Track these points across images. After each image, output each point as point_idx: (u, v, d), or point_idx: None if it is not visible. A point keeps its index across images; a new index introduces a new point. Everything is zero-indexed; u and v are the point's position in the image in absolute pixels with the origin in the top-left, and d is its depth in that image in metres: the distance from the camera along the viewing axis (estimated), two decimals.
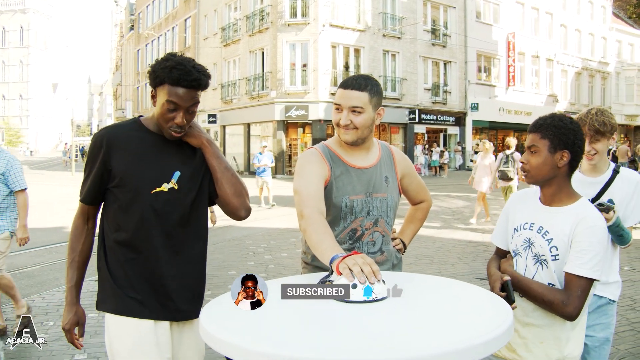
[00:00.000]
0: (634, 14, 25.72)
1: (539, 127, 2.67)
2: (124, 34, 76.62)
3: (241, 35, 38.22)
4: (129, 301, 2.67)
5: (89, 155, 2.74)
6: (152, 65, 2.72)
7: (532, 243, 2.69)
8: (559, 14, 49.46)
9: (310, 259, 3.08)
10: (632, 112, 57.06)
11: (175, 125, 2.64)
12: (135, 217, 2.67)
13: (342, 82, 2.92)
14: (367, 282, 2.08)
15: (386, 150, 3.18)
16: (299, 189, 2.81)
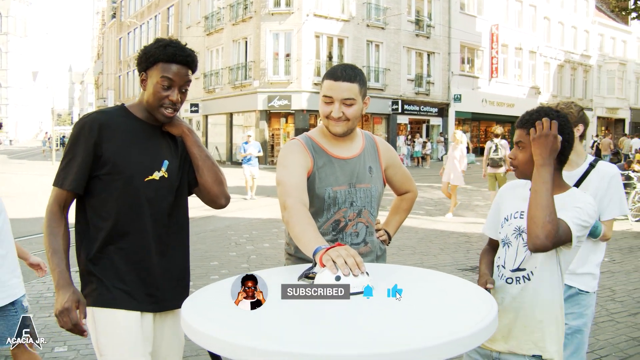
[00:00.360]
0: (617, 7, 25.82)
1: (525, 122, 2.66)
2: (105, 22, 76.04)
3: (224, 24, 38.00)
4: (117, 292, 2.62)
5: (74, 139, 2.62)
6: (142, 49, 2.71)
7: (524, 230, 2.67)
8: (542, 6, 49.67)
9: (293, 250, 3.04)
10: (613, 105, 57.54)
11: (169, 102, 2.64)
12: (127, 206, 2.64)
13: (330, 73, 2.84)
14: (350, 274, 2.04)
15: (370, 140, 3.15)
16: (282, 180, 2.77)
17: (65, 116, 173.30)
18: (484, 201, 17.70)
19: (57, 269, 2.59)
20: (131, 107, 2.77)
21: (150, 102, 2.66)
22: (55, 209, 2.66)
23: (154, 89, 2.62)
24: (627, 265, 9.12)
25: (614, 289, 7.63)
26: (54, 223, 2.65)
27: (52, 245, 2.62)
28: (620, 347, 5.54)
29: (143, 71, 2.68)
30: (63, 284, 2.57)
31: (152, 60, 2.62)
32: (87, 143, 2.57)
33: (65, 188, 2.61)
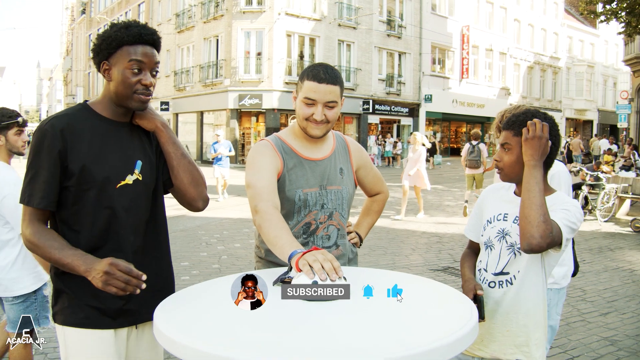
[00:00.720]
0: (586, 10, 26.06)
1: (511, 124, 2.62)
2: (75, 17, 75.08)
3: (195, 22, 37.76)
4: (89, 311, 2.39)
5: (36, 149, 2.34)
6: (99, 35, 2.46)
7: (507, 233, 2.67)
8: (513, 8, 50.13)
9: (264, 254, 2.96)
10: (581, 106, 58.28)
11: (142, 87, 2.42)
12: (101, 218, 2.41)
13: (313, 75, 2.74)
14: (327, 279, 1.99)
15: (341, 141, 3.09)
16: (252, 183, 2.69)
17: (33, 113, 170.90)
18: (454, 201, 17.81)
19: (73, 256, 2.28)
20: (94, 105, 2.50)
21: (120, 92, 2.41)
22: (36, 225, 2.35)
23: (123, 76, 2.39)
24: (596, 265, 9.22)
25: (584, 289, 7.72)
26: (39, 234, 2.34)
27: (54, 247, 2.30)
28: (592, 347, 5.59)
29: (105, 60, 2.43)
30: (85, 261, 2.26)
31: (114, 44, 2.38)
32: (51, 153, 2.31)
33: (34, 205, 2.34)
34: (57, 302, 2.46)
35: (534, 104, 52.92)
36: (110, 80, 2.44)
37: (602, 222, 13.65)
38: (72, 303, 2.41)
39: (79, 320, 2.40)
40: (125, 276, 2.18)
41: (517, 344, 2.66)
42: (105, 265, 2.19)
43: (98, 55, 2.45)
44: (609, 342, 5.74)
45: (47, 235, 2.34)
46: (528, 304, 2.65)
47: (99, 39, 2.43)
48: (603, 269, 8.98)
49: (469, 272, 2.82)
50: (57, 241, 2.32)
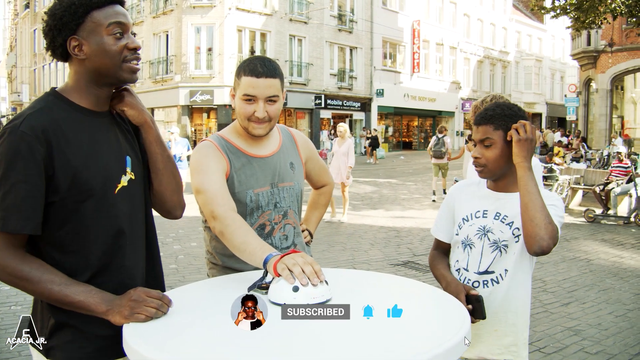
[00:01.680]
0: (535, 6, 26.42)
1: (489, 118, 2.50)
2: (18, 12, 73.36)
3: (144, 17, 37.25)
4: (100, 342, 1.98)
5: (9, 160, 1.84)
6: (53, 10, 1.98)
7: (489, 230, 2.57)
8: (462, 3, 50.75)
9: (219, 260, 2.76)
10: (530, 99, 59.29)
11: (130, 52, 2.03)
12: (104, 231, 2.01)
13: (250, 69, 2.53)
14: (309, 284, 1.88)
15: (287, 134, 2.93)
16: (203, 188, 2.50)
17: None
18: (409, 194, 17.93)
19: (86, 294, 1.89)
20: (67, 93, 2.04)
21: (105, 65, 2.00)
22: (16, 253, 1.87)
23: (106, 44, 1.98)
24: (554, 256, 9.28)
25: (544, 280, 7.83)
26: (28, 266, 1.87)
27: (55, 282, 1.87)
28: (557, 337, 5.65)
29: (72, 34, 1.97)
30: (103, 299, 1.90)
31: (81, 11, 1.95)
32: (31, 162, 1.84)
33: (12, 231, 1.84)
34: (54, 336, 1.99)
35: (482, 96, 53.59)
36: (85, 58, 1.99)
37: None
38: (78, 335, 1.98)
39: (89, 354, 1.99)
40: (157, 301, 1.85)
41: (506, 344, 2.60)
42: (133, 293, 1.87)
43: (61, 33, 1.97)
44: (573, 332, 5.81)
45: (40, 267, 1.88)
46: (517, 303, 2.59)
47: (57, 12, 1.97)
48: (561, 260, 9.12)
49: (448, 274, 2.66)
50: (56, 275, 1.87)
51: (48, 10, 2.01)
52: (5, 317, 6.29)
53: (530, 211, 2.32)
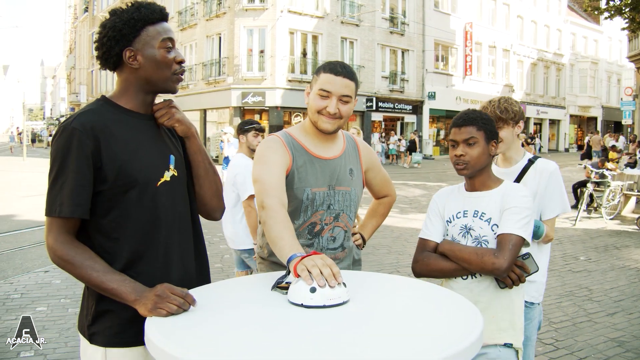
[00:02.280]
0: (589, 7, 25.98)
1: (472, 120, 2.79)
2: (78, 15, 75.11)
3: (198, 20, 37.70)
4: (136, 327, 2.06)
5: (62, 152, 2.07)
6: (111, 24, 2.22)
7: (471, 228, 2.80)
8: (515, 5, 50.01)
9: (266, 254, 2.93)
10: (585, 103, 58.18)
11: (179, 65, 2.29)
12: (144, 221, 2.19)
13: (330, 68, 2.74)
14: (326, 285, 1.93)
15: (351, 142, 3.05)
16: (260, 178, 2.64)
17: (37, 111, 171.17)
18: None
19: (119, 282, 2.05)
20: (116, 99, 2.28)
21: (157, 75, 2.24)
22: (67, 238, 2.08)
23: (160, 57, 2.22)
24: (602, 264, 9.15)
25: (590, 289, 7.65)
26: (74, 251, 2.07)
27: (95, 269, 2.05)
28: (599, 348, 5.53)
29: (127, 46, 2.20)
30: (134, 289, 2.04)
31: (139, 25, 2.20)
32: (81, 155, 2.06)
33: (65, 215, 2.05)
34: (97, 322, 2.18)
35: (537, 100, 52.85)
36: (139, 67, 2.23)
37: (608, 220, 13.60)
38: (118, 322, 2.16)
39: (127, 339, 2.17)
40: (180, 299, 1.96)
41: (503, 328, 2.76)
42: (159, 289, 1.99)
43: (119, 43, 2.20)
44: (616, 343, 5.67)
45: (84, 253, 2.07)
46: (510, 290, 2.73)
47: (117, 24, 2.21)
48: (609, 268, 8.90)
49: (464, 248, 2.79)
50: (97, 262, 2.06)
51: (107, 23, 2.25)
52: (54, 310, 6.55)
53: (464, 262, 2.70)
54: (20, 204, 15.86)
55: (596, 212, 14.06)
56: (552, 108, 55.33)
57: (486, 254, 2.62)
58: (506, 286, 2.68)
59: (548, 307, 6.63)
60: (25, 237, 11.18)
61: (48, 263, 8.65)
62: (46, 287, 7.45)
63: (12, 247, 10.20)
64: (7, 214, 13.99)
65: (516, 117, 3.44)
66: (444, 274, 2.84)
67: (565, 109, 56.96)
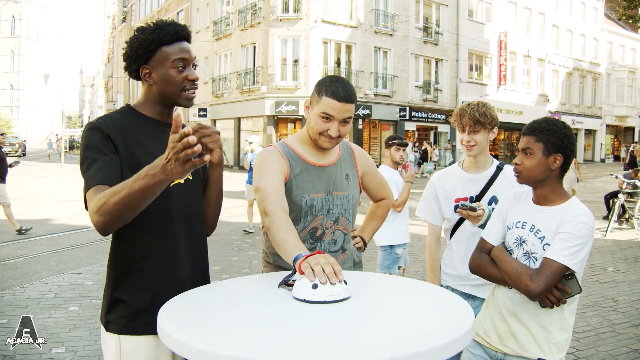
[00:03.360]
0: (624, 15, 25.81)
1: (534, 130, 2.76)
2: (116, 25, 76.31)
3: (233, 30, 38.08)
4: (147, 317, 2.32)
5: (89, 141, 2.27)
6: (129, 43, 2.44)
7: (524, 241, 2.79)
8: (551, 14, 49.52)
9: (272, 259, 3.07)
10: (622, 113, 57.28)
11: (189, 83, 2.46)
12: (155, 217, 2.38)
13: (332, 92, 2.79)
14: (327, 282, 2.06)
15: (346, 148, 3.19)
16: (261, 187, 2.78)
17: (76, 119, 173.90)
18: None
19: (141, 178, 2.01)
20: (138, 107, 2.50)
21: (168, 92, 2.44)
22: None
23: (169, 76, 2.41)
24: (631, 275, 9.05)
25: (617, 300, 7.57)
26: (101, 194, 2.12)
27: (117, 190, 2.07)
28: (621, 359, 5.48)
29: (143, 64, 2.42)
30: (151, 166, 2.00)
31: (153, 47, 2.39)
32: (105, 143, 2.28)
33: (97, 182, 2.18)
34: (112, 311, 2.38)
35: (573, 110, 52.18)
36: (153, 83, 2.45)
37: None
38: (130, 311, 2.35)
39: (138, 327, 2.35)
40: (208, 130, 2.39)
41: (539, 343, 2.77)
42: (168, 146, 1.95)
43: (135, 61, 2.44)
44: (639, 354, 5.62)
45: (110, 187, 2.11)
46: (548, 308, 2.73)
47: (134, 45, 2.43)
48: (638, 279, 8.80)
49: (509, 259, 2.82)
50: (122, 182, 2.08)
51: (128, 41, 2.48)
52: (86, 309, 6.80)
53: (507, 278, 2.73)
54: (56, 208, 16.31)
55: (628, 223, 13.91)
56: (587, 118, 54.61)
57: (524, 274, 2.63)
58: (546, 306, 2.69)
59: None
60: (60, 241, 11.53)
61: (81, 265, 8.96)
62: (79, 288, 7.72)
63: (47, 250, 10.48)
64: (44, 217, 14.41)
65: (493, 122, 3.54)
66: (491, 279, 2.92)
67: (602, 119, 56.18)
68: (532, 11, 47.59)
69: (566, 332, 2.79)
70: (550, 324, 2.76)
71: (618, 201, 13.52)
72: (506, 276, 2.73)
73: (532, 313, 2.77)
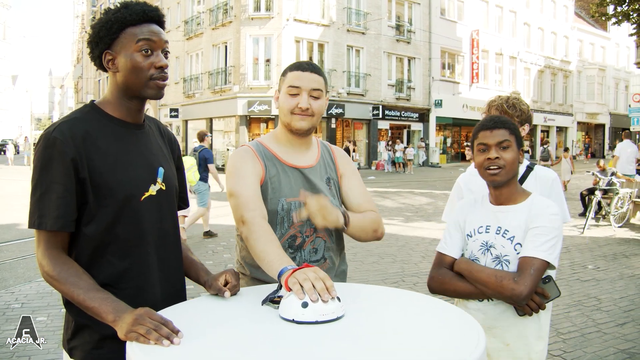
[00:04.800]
0: (597, 12, 25.95)
1: (504, 122, 2.63)
2: (85, 25, 75.58)
3: (204, 29, 37.88)
4: (115, 345, 1.93)
5: (43, 160, 1.97)
6: (93, 25, 2.13)
7: (492, 245, 2.63)
8: (522, 12, 50.05)
9: (248, 271, 2.77)
10: (593, 110, 58.09)
11: (157, 70, 2.11)
12: (125, 237, 2.09)
13: (295, 66, 2.65)
14: (319, 300, 1.83)
15: (326, 149, 2.90)
16: (236, 191, 2.52)
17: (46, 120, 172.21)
18: None
19: (101, 301, 1.91)
20: (103, 105, 2.17)
21: (132, 81, 2.10)
22: (53, 253, 1.99)
23: (133, 61, 2.07)
24: (611, 272, 9.01)
25: (599, 298, 7.51)
26: (60, 267, 1.97)
27: (79, 286, 1.94)
28: (609, 359, 5.41)
29: (106, 49, 2.10)
30: (115, 308, 1.89)
31: (116, 27, 2.07)
32: (62, 163, 1.95)
33: (47, 228, 1.96)
34: (76, 337, 2.11)
35: (545, 108, 52.76)
36: (116, 71, 2.12)
37: (617, 228, 13.43)
38: (96, 337, 2.07)
39: (105, 355, 2.07)
40: (157, 323, 1.77)
41: (518, 358, 2.62)
42: (138, 312, 1.83)
43: (98, 46, 2.12)
44: (627, 354, 5.54)
45: (70, 270, 1.97)
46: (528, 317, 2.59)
47: (96, 27, 2.11)
48: (618, 277, 8.74)
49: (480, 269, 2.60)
50: (81, 279, 1.95)
51: (92, 25, 2.14)
52: (55, 320, 6.52)
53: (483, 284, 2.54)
54: (23, 212, 15.81)
55: (604, 220, 13.94)
56: (559, 115, 55.26)
57: (505, 278, 2.44)
58: (525, 314, 2.53)
59: (556, 317, 6.52)
60: (28, 247, 11.11)
61: None
62: (47, 297, 7.40)
63: (14, 257, 10.16)
64: (10, 222, 13.96)
65: (522, 116, 3.30)
66: (459, 295, 2.69)
67: (573, 116, 56.86)
68: (503, 9, 48.10)
69: (543, 341, 2.66)
70: (530, 334, 2.61)
71: (595, 198, 13.54)
72: (482, 286, 2.52)
73: (511, 323, 2.60)
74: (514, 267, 2.53)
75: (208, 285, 2.26)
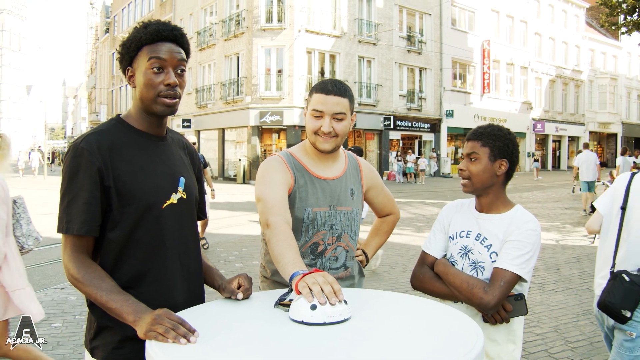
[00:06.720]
0: (607, 22, 25.95)
1: (479, 135, 2.73)
2: (99, 36, 76.00)
3: (216, 40, 38.00)
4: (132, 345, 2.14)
5: (72, 170, 2.12)
6: (121, 43, 2.31)
7: (470, 250, 2.74)
8: (533, 22, 49.93)
9: (269, 274, 2.96)
10: (604, 119, 57.71)
11: (165, 87, 2.23)
12: (146, 241, 2.22)
13: (320, 87, 2.76)
14: (327, 303, 1.94)
15: (352, 161, 3.07)
16: (263, 197, 2.67)
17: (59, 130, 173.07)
18: None
19: (122, 302, 2.04)
20: (128, 118, 2.32)
21: (144, 96, 2.24)
22: (79, 257, 2.13)
23: (145, 78, 2.21)
24: None
25: None
26: (84, 270, 2.11)
27: (102, 288, 2.07)
28: None
29: (128, 65, 2.27)
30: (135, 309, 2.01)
31: (134, 46, 2.23)
32: (89, 172, 2.10)
33: (74, 232, 2.11)
34: (98, 337, 2.23)
35: (556, 117, 52.52)
36: (134, 86, 2.28)
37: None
38: (118, 338, 2.19)
39: (126, 355, 2.20)
40: (174, 322, 1.88)
41: (491, 358, 2.70)
42: (157, 312, 1.95)
43: (122, 63, 2.30)
44: None
45: (93, 272, 2.10)
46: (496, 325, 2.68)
47: (122, 45, 2.29)
48: None
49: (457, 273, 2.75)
50: (104, 281, 2.08)
51: (120, 44, 2.32)
52: (69, 326, 6.62)
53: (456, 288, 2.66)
54: (40, 221, 15.97)
55: None
56: (571, 125, 54.99)
57: (476, 286, 2.56)
58: (488, 322, 2.64)
59: (565, 325, 6.57)
60: (44, 255, 11.26)
61: (64, 280, 8.73)
62: (62, 304, 7.53)
63: (30, 264, 10.29)
64: None
65: None
66: (436, 294, 2.82)
67: (585, 126, 56.58)
68: (514, 19, 47.99)
69: (514, 344, 2.73)
70: (499, 337, 2.70)
71: None
72: (455, 290, 2.65)
73: (482, 326, 2.64)
74: (489, 274, 2.65)
75: (222, 288, 2.40)
